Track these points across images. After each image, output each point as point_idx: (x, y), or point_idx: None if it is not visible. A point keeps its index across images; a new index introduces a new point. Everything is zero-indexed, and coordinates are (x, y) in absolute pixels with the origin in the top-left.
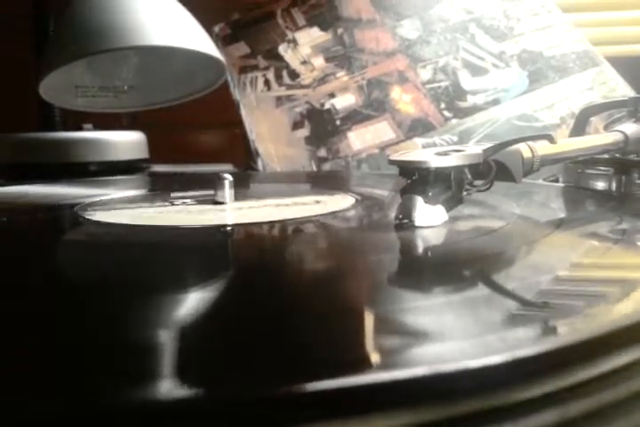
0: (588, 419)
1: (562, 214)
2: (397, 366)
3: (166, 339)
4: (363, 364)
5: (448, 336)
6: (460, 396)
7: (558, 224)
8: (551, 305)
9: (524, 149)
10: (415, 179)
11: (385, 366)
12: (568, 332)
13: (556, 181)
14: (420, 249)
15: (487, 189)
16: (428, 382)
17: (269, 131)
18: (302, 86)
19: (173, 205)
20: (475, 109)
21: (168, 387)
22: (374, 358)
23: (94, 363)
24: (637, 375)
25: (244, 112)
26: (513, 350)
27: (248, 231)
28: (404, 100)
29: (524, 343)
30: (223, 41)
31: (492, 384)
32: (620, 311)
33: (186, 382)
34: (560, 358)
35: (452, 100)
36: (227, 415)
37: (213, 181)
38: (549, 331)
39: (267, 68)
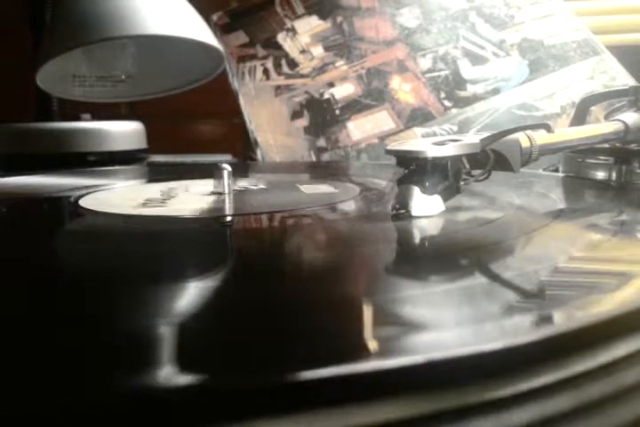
0: (585, 409)
1: (561, 205)
2: (394, 354)
3: (164, 328)
4: (361, 352)
5: (444, 325)
6: (458, 384)
7: (557, 214)
8: (548, 294)
9: (522, 138)
10: (412, 169)
11: (382, 354)
12: (564, 320)
13: (556, 170)
14: (417, 239)
15: (485, 178)
16: (424, 370)
17: (268, 121)
18: (301, 76)
19: (173, 195)
20: (475, 99)
21: (167, 376)
22: (372, 346)
23: (92, 352)
24: (637, 365)
25: (242, 102)
26: (509, 338)
27: (246, 221)
28: (403, 90)
29: (520, 332)
30: (221, 30)
31: (488, 373)
32: (618, 300)
33: (185, 371)
34: (557, 347)
35: (451, 89)
36: (225, 404)
37: (212, 172)
38: (546, 319)
39: (265, 58)
